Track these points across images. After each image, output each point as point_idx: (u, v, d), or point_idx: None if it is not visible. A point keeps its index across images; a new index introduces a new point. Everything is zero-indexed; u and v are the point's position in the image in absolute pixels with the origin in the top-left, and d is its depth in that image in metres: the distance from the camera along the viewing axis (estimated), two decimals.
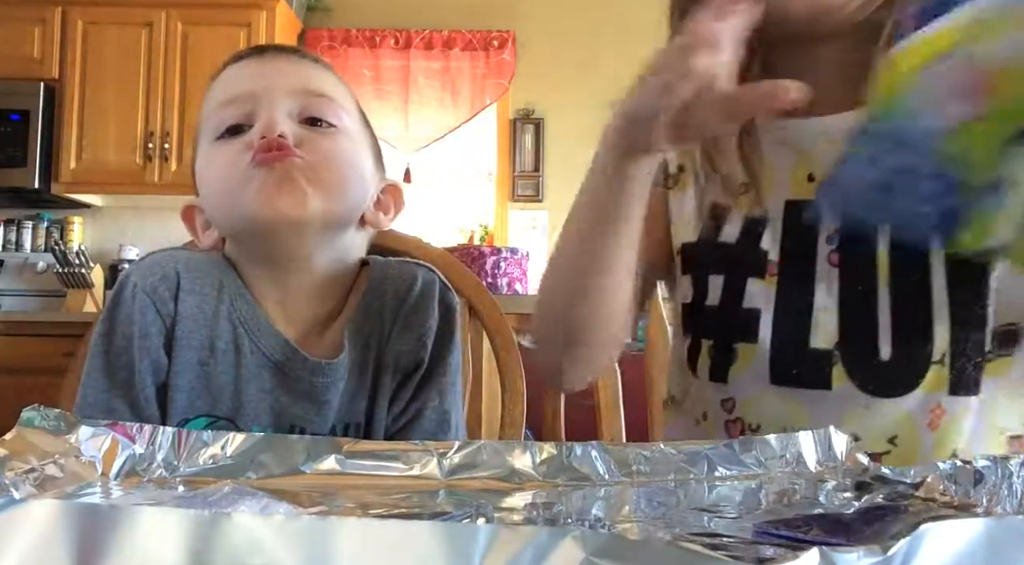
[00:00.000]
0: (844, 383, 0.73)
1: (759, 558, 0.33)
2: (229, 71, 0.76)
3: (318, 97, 0.73)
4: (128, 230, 3.94)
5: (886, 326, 0.72)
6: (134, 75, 3.61)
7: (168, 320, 0.70)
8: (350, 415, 0.74)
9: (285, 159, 0.68)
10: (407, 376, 0.76)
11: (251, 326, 0.72)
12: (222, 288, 0.72)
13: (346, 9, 4.00)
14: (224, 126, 0.72)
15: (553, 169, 3.98)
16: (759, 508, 0.46)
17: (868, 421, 0.72)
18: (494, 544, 0.24)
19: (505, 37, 3.93)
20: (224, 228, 0.76)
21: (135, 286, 0.69)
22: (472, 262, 2.46)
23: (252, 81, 0.73)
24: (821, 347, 0.74)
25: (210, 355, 0.71)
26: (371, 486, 0.48)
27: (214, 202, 0.74)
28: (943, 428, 0.71)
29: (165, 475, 0.48)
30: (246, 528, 0.24)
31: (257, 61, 0.75)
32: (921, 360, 0.72)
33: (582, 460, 0.52)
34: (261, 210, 0.68)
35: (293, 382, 0.72)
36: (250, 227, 0.71)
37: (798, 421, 0.73)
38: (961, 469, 0.46)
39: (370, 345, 0.75)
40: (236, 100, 0.72)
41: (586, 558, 0.24)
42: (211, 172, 0.74)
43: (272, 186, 0.68)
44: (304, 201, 0.68)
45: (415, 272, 0.78)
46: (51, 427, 0.46)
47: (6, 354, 3.19)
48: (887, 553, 0.24)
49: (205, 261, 0.74)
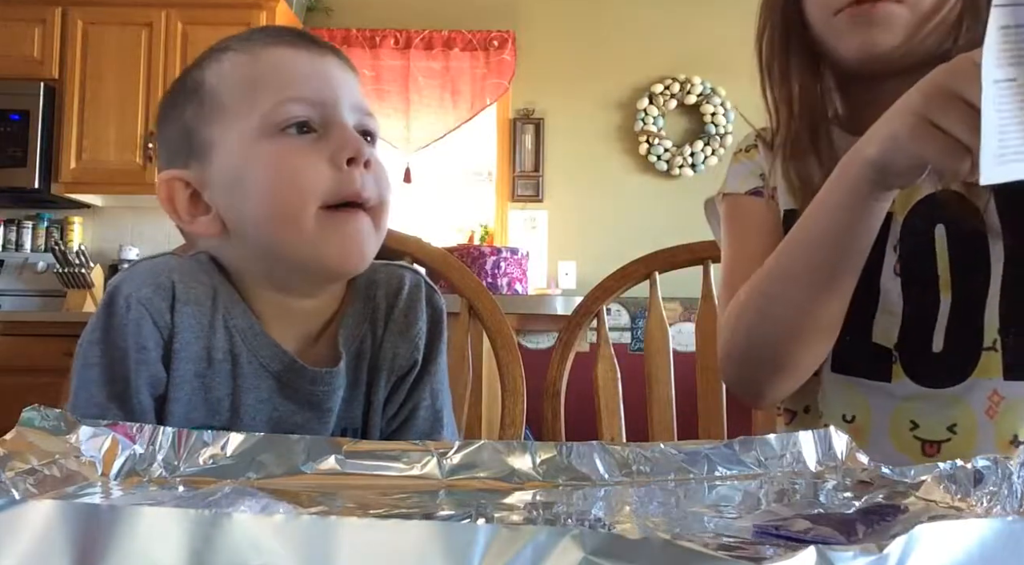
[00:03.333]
0: (902, 378, 0.77)
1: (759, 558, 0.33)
2: (282, 57, 0.70)
3: (368, 116, 0.72)
4: (128, 230, 3.94)
5: (942, 324, 0.76)
6: (134, 75, 3.61)
7: (166, 332, 0.68)
8: (347, 420, 0.74)
9: (364, 216, 0.68)
10: (401, 378, 0.76)
11: (247, 336, 0.70)
12: (216, 297, 0.70)
13: (346, 9, 4.00)
14: (290, 121, 0.67)
15: (553, 169, 3.98)
16: (759, 508, 0.46)
17: (927, 410, 0.76)
18: (494, 544, 0.24)
19: (505, 37, 3.93)
20: (256, 235, 0.69)
21: (129, 297, 0.66)
22: (472, 262, 2.46)
23: (320, 81, 0.69)
24: (883, 344, 0.78)
25: (207, 366, 0.69)
26: (371, 486, 0.48)
27: (261, 200, 0.67)
28: (1001, 414, 0.75)
29: (165, 475, 0.48)
30: (246, 528, 0.24)
31: (319, 59, 0.71)
32: (972, 349, 0.76)
33: (582, 460, 0.52)
34: (329, 261, 0.68)
35: (293, 392, 0.71)
36: (300, 263, 0.68)
37: (858, 409, 0.79)
38: (961, 469, 0.46)
39: (363, 349, 0.75)
40: (303, 100, 0.68)
41: (585, 558, 0.24)
42: (270, 168, 0.67)
43: (360, 241, 0.68)
44: (368, 257, 0.69)
45: (402, 274, 0.78)
46: (51, 427, 0.46)
47: (6, 354, 3.19)
48: (882, 552, 0.25)
49: (197, 268, 0.71)
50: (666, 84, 3.87)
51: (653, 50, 3.90)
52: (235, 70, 0.69)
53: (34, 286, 3.80)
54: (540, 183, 3.97)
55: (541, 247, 3.89)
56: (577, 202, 3.94)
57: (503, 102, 3.99)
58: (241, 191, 0.68)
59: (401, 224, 0.92)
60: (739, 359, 0.79)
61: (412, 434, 0.75)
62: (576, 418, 1.16)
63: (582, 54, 3.93)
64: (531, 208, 3.96)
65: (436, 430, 0.76)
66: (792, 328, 0.74)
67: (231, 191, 0.68)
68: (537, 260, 3.78)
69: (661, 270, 1.18)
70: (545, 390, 1.14)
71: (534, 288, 3.51)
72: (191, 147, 0.70)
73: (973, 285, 0.76)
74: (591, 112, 3.94)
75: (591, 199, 3.92)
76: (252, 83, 0.69)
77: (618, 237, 3.67)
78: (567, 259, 3.91)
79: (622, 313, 3.72)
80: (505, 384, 1.08)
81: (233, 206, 0.69)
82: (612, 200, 3.91)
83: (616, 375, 1.15)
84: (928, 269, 0.77)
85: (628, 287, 1.18)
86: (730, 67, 3.64)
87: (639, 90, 3.90)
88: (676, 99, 3.88)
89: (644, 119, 3.87)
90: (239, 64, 0.70)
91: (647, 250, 1.20)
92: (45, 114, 3.55)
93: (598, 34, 3.94)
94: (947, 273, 0.76)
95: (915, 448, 0.76)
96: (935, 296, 0.77)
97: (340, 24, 4.00)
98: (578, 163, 3.95)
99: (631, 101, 3.91)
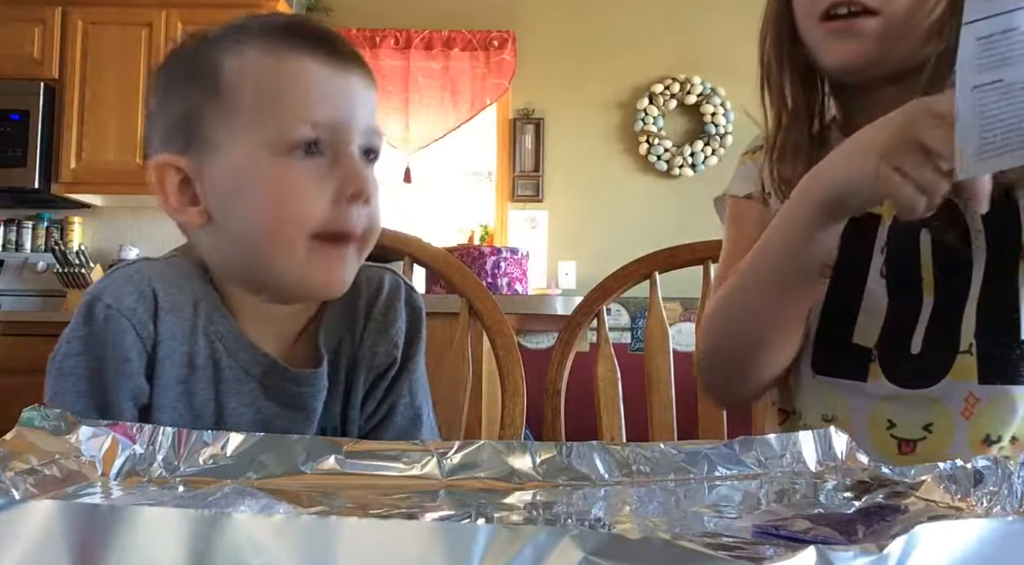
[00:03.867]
0: (879, 378, 0.79)
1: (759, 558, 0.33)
2: (307, 70, 0.67)
3: (377, 135, 0.71)
4: (128, 230, 3.94)
5: (922, 326, 0.78)
6: (134, 75, 3.61)
7: (149, 342, 0.67)
8: (326, 419, 0.74)
9: (351, 245, 0.69)
10: (380, 375, 0.77)
11: (228, 341, 0.70)
12: (197, 303, 0.70)
13: (346, 9, 4.00)
14: (300, 143, 0.66)
15: (553, 169, 3.97)
16: (759, 508, 0.46)
17: (903, 409, 0.78)
18: (494, 544, 0.24)
19: (505, 37, 3.93)
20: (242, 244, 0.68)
21: (108, 307, 0.66)
22: (472, 262, 2.46)
23: (339, 102, 0.68)
24: (862, 344, 0.80)
25: (190, 372, 0.69)
26: (371, 486, 0.48)
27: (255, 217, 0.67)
28: (977, 415, 0.76)
29: (165, 475, 0.48)
30: (246, 528, 0.24)
31: (344, 75, 0.69)
32: (948, 352, 0.77)
33: (582, 460, 0.52)
34: (312, 287, 0.69)
35: (276, 394, 0.71)
36: (282, 282, 0.69)
37: (836, 409, 0.81)
38: (961, 469, 0.46)
39: (342, 349, 0.75)
40: (319, 123, 0.66)
41: (585, 557, 0.24)
42: (271, 190, 0.66)
43: (341, 270, 0.68)
44: (348, 283, 0.70)
45: (380, 275, 0.78)
46: (51, 427, 0.46)
47: (6, 354, 3.19)
48: (883, 552, 0.25)
49: (177, 273, 0.70)
50: (666, 84, 3.86)
51: (653, 50, 3.90)
52: (257, 73, 0.67)
53: (34, 286, 3.80)
54: (540, 183, 3.97)
55: (541, 247, 3.88)
56: (577, 202, 3.94)
57: (503, 102, 3.99)
58: (238, 199, 0.67)
59: (401, 224, 0.93)
60: (709, 365, 0.84)
61: (391, 431, 0.75)
62: (576, 418, 1.16)
63: (582, 54, 3.93)
64: (531, 208, 3.96)
65: (416, 427, 0.77)
66: (754, 336, 0.80)
67: (227, 195, 0.67)
68: (537, 260, 3.78)
69: (661, 270, 1.18)
70: (545, 390, 1.14)
71: (534, 288, 3.51)
72: (193, 135, 0.68)
73: (954, 289, 0.77)
74: (591, 112, 3.94)
75: (591, 199, 3.92)
76: (272, 94, 0.67)
77: (618, 237, 3.67)
78: (567, 259, 3.91)
79: (622, 313, 3.72)
80: (505, 384, 1.08)
81: (226, 208, 0.68)
82: (612, 200, 3.91)
83: (616, 375, 1.15)
84: (912, 271, 0.78)
85: (628, 287, 1.18)
86: (730, 67, 3.64)
87: (639, 90, 3.90)
88: (676, 99, 3.88)
89: (644, 119, 3.87)
90: (262, 68, 0.67)
91: (647, 250, 1.20)
92: (45, 114, 3.55)
93: (598, 34, 3.94)
94: (930, 275, 0.78)
95: (891, 446, 0.78)
96: (918, 298, 0.78)
97: (340, 24, 3.99)
98: (578, 163, 3.95)
99: (631, 101, 3.91)
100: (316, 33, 0.69)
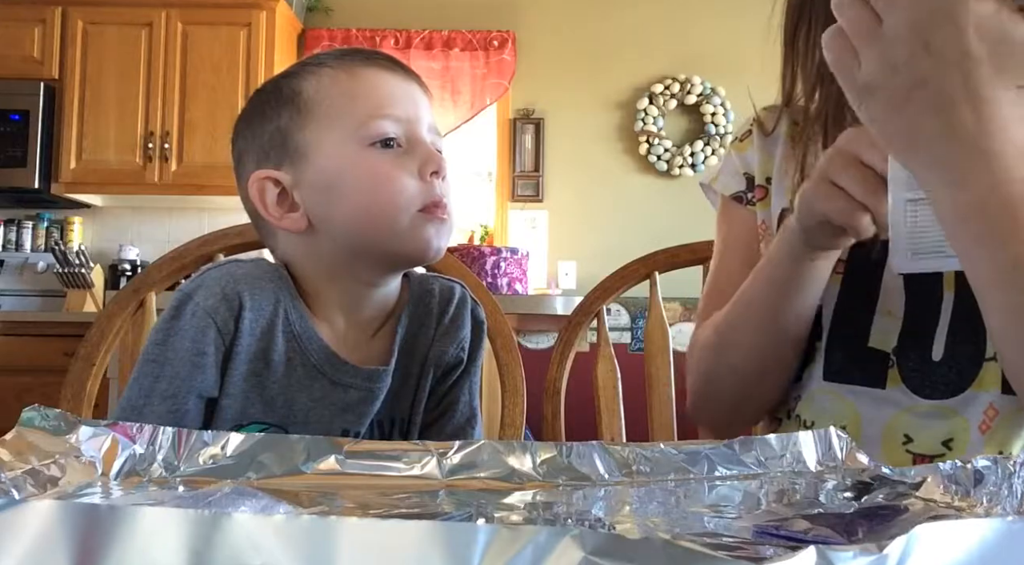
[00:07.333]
0: (898, 385, 0.74)
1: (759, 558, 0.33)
2: (378, 77, 0.78)
3: (439, 136, 0.80)
4: (128, 230, 3.94)
5: (944, 326, 0.74)
6: (134, 75, 3.61)
7: (227, 338, 0.73)
8: (396, 410, 0.82)
9: (443, 214, 0.77)
10: (446, 373, 0.84)
11: (304, 340, 0.76)
12: (278, 302, 0.75)
13: (346, 9, 4.00)
14: (382, 137, 0.75)
15: (553, 169, 3.98)
16: (759, 508, 0.46)
17: (921, 422, 0.73)
18: (494, 544, 0.24)
19: (505, 37, 3.93)
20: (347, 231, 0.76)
21: (197, 305, 0.72)
22: (472, 262, 2.46)
23: (408, 102, 0.78)
24: (880, 348, 0.76)
25: (264, 366, 0.75)
26: (371, 486, 0.48)
27: (359, 203, 0.75)
28: (993, 430, 0.71)
29: (165, 475, 0.48)
30: (246, 528, 0.24)
31: (408, 83, 0.79)
32: (973, 358, 0.72)
33: (582, 460, 0.52)
34: (416, 253, 0.77)
35: (343, 390, 0.77)
36: (388, 254, 0.77)
37: (847, 420, 0.76)
38: (961, 469, 0.46)
39: (416, 347, 0.83)
40: (394, 118, 0.76)
41: (585, 557, 0.24)
42: (370, 177, 0.75)
43: (441, 237, 0.77)
44: (444, 250, 0.78)
45: (452, 286, 0.87)
46: (51, 427, 0.46)
47: (6, 354, 3.19)
48: (882, 552, 0.24)
49: (261, 275, 0.76)
50: (666, 84, 3.87)
51: (653, 50, 3.90)
52: (335, 83, 0.77)
53: (34, 286, 3.81)
54: (540, 183, 3.97)
55: (541, 247, 3.89)
56: (577, 202, 3.94)
57: (503, 102, 3.99)
58: (337, 192, 0.75)
59: None
60: (700, 399, 0.85)
61: (450, 426, 0.83)
62: (576, 418, 1.16)
63: (582, 54, 3.94)
64: (531, 208, 3.96)
65: (471, 425, 0.85)
66: (745, 372, 0.80)
67: (325, 191, 0.75)
68: (537, 260, 3.78)
69: (661, 270, 1.18)
70: (545, 390, 1.14)
71: (534, 288, 3.51)
72: (285, 149, 0.76)
73: None
74: (591, 112, 3.94)
75: (591, 199, 3.92)
76: (351, 96, 0.76)
77: (618, 237, 3.67)
78: (567, 259, 3.92)
79: (622, 313, 3.72)
80: (505, 384, 1.08)
81: (324, 204, 0.76)
82: (612, 200, 3.91)
83: (616, 375, 1.15)
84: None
85: (628, 287, 1.18)
86: (730, 67, 3.64)
87: (639, 90, 3.90)
88: (676, 99, 3.88)
89: (644, 119, 3.87)
90: (338, 79, 0.77)
91: (647, 250, 1.20)
92: (45, 114, 3.55)
93: (598, 34, 3.94)
94: (951, 274, 0.73)
95: (906, 462, 0.73)
96: (938, 293, 0.74)
97: (340, 24, 4.00)
98: (578, 163, 3.95)
99: (631, 101, 3.91)
100: (381, 54, 0.80)
